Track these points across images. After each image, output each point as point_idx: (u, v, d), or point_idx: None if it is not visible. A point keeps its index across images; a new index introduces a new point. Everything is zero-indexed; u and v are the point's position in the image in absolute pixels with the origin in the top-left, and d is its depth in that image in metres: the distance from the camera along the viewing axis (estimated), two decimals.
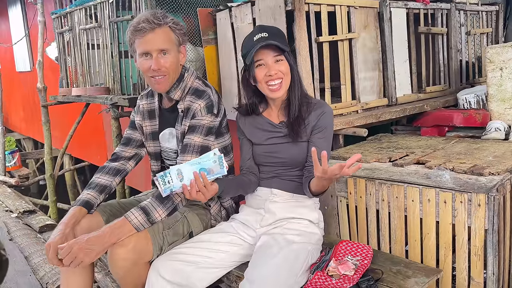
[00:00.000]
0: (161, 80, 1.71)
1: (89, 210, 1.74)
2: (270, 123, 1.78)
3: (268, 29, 1.68)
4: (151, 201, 1.60)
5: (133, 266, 1.55)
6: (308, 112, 1.71)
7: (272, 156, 1.74)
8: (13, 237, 3.26)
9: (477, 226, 1.60)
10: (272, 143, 1.76)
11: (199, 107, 1.72)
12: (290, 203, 1.72)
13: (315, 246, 1.68)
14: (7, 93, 8.66)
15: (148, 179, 2.68)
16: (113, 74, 3.64)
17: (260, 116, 1.81)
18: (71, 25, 4.14)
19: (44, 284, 2.52)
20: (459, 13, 3.28)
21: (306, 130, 1.70)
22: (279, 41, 1.63)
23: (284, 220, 1.71)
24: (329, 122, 1.73)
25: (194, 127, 1.71)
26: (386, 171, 1.94)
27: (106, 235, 1.51)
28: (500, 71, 2.57)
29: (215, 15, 2.79)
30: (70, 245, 1.48)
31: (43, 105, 4.84)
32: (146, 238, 1.59)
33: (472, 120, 2.65)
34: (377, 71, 2.70)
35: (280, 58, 1.66)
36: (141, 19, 1.65)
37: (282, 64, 1.66)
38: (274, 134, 1.76)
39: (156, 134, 1.89)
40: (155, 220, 1.59)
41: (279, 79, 1.66)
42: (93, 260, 1.50)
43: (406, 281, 1.55)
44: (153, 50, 1.66)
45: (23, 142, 9.72)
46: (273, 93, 1.68)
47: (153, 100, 1.89)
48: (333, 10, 2.44)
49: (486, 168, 1.77)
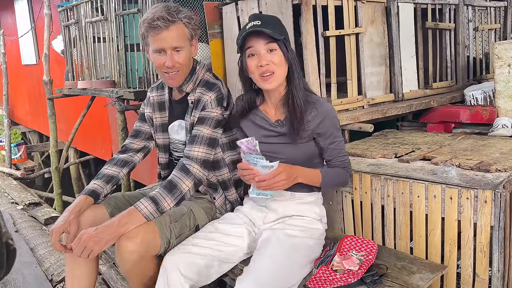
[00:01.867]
0: (175, 76, 1.73)
1: (95, 200, 1.75)
2: (266, 119, 1.69)
3: (262, 17, 1.61)
4: (160, 190, 1.61)
5: (140, 259, 1.55)
6: (308, 111, 1.60)
7: (271, 156, 1.64)
8: (18, 229, 3.28)
9: (483, 222, 1.59)
10: (270, 142, 1.67)
11: (210, 99, 1.73)
12: (290, 201, 1.70)
13: (317, 241, 1.67)
14: (13, 86, 8.70)
15: (153, 173, 2.68)
16: (119, 67, 3.64)
17: (257, 110, 1.71)
18: (77, 18, 4.15)
19: (49, 275, 2.54)
20: (467, 9, 3.25)
21: (306, 131, 1.61)
22: (272, 28, 1.52)
23: (286, 217, 1.70)
24: (335, 122, 1.65)
25: (203, 119, 1.72)
26: (391, 166, 1.93)
27: (115, 224, 1.52)
28: (508, 67, 2.55)
29: (221, 8, 2.78)
30: (80, 235, 1.49)
31: (48, 98, 4.86)
32: (154, 232, 1.59)
33: (479, 117, 2.63)
34: (384, 66, 2.69)
35: (273, 47, 1.54)
36: (155, 15, 1.63)
37: (275, 54, 1.55)
38: (270, 133, 1.67)
39: (165, 126, 1.90)
40: (164, 210, 1.60)
41: (270, 72, 1.55)
42: (103, 249, 1.50)
43: (410, 277, 1.55)
44: (167, 47, 1.67)
45: (29, 135, 9.78)
46: (265, 83, 1.57)
47: (163, 92, 1.91)
48: (340, 4, 2.42)
49: (492, 164, 1.76)
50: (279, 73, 1.57)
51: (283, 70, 1.58)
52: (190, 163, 1.66)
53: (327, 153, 1.67)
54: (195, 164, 1.66)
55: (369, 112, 2.47)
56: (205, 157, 1.69)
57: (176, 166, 1.78)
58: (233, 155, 1.91)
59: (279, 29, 1.56)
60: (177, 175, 1.65)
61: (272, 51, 1.55)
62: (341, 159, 1.67)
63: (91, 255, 1.49)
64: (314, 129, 1.61)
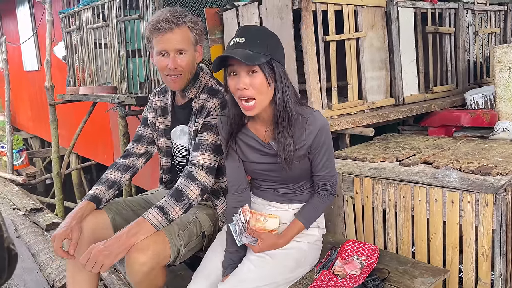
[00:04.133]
0: (177, 79, 1.72)
1: (97, 205, 1.74)
2: (258, 141, 1.55)
3: (248, 32, 1.41)
4: (167, 199, 1.60)
5: (151, 271, 1.54)
6: (302, 129, 1.47)
7: (265, 174, 1.60)
8: (20, 235, 3.28)
9: (485, 226, 1.59)
10: (264, 162, 1.56)
11: (214, 106, 1.72)
12: (287, 212, 1.65)
13: (313, 246, 1.65)
14: (15, 92, 8.74)
15: (154, 178, 2.69)
16: (120, 73, 3.66)
17: (246, 129, 1.57)
18: (79, 25, 4.17)
19: (51, 281, 2.53)
20: (467, 13, 3.26)
21: (301, 151, 1.50)
22: (256, 46, 1.36)
23: (283, 224, 1.65)
24: (329, 138, 1.53)
25: (208, 126, 1.72)
26: (393, 170, 1.93)
27: (124, 235, 1.50)
28: (508, 71, 2.55)
29: (222, 14, 2.80)
30: (89, 250, 1.47)
31: (50, 104, 4.87)
32: (164, 242, 1.58)
33: (480, 120, 2.64)
34: (384, 70, 2.69)
35: (254, 69, 1.37)
36: (161, 17, 1.65)
37: (256, 77, 1.38)
38: (265, 153, 1.56)
39: (168, 130, 1.90)
40: (173, 218, 1.59)
41: (248, 96, 1.39)
42: (114, 262, 1.47)
43: (412, 281, 1.54)
44: (171, 49, 1.67)
45: (31, 141, 9.79)
46: (245, 111, 1.44)
47: (166, 97, 1.91)
48: (340, 9, 2.44)
49: (494, 168, 1.76)
50: (260, 99, 1.41)
51: (264, 95, 1.41)
52: (196, 170, 1.66)
53: (316, 170, 1.56)
54: (201, 171, 1.66)
55: (370, 116, 2.47)
56: (210, 163, 1.69)
57: (179, 172, 1.78)
58: None
59: (264, 47, 1.38)
60: (184, 183, 1.63)
61: (254, 72, 1.38)
62: (326, 179, 1.56)
63: (102, 269, 1.46)
64: (309, 145, 1.50)
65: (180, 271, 2.51)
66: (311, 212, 1.61)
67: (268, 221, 1.53)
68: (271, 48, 1.40)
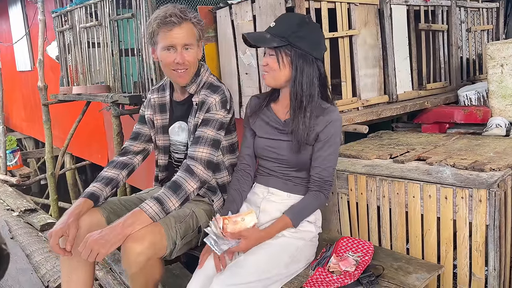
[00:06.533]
0: (183, 74, 1.76)
1: (95, 202, 1.74)
2: (276, 119, 1.72)
3: (280, 20, 1.64)
4: (164, 191, 1.61)
5: (147, 261, 1.54)
6: (317, 116, 1.62)
7: (272, 152, 1.70)
8: (14, 236, 3.26)
9: (478, 221, 1.60)
10: (275, 138, 1.70)
11: (214, 101, 1.75)
12: (286, 203, 1.69)
13: (308, 243, 1.66)
14: (8, 92, 8.67)
15: (149, 178, 2.68)
16: (114, 72, 3.64)
17: (269, 109, 1.75)
18: (72, 24, 4.14)
19: (45, 282, 2.52)
20: (460, 10, 3.27)
21: (310, 136, 1.62)
22: (276, 34, 1.58)
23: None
24: (338, 132, 1.64)
25: (207, 121, 1.74)
26: (387, 167, 1.94)
27: (120, 225, 1.51)
28: (501, 67, 2.56)
29: (215, 12, 2.79)
30: (85, 238, 1.48)
31: (43, 104, 4.84)
32: (161, 233, 1.59)
33: (473, 117, 2.65)
34: (378, 68, 2.70)
35: (272, 52, 1.60)
36: (167, 13, 1.68)
37: (272, 58, 1.61)
38: (278, 131, 1.70)
39: (166, 127, 1.92)
40: (169, 210, 1.60)
41: (269, 71, 1.63)
42: (110, 251, 1.48)
43: (407, 277, 1.55)
44: (179, 44, 1.71)
45: (24, 142, 9.73)
46: (265, 80, 1.67)
47: (164, 94, 1.93)
48: (333, 7, 2.44)
49: (487, 164, 1.77)
50: (275, 76, 1.62)
51: (277, 72, 1.61)
52: (194, 164, 1.67)
53: (315, 162, 1.63)
54: (199, 165, 1.67)
55: (364, 113, 2.47)
56: (209, 158, 1.70)
57: (177, 169, 1.78)
58: (233, 158, 1.93)
59: (286, 34, 1.57)
60: (182, 176, 1.65)
61: (271, 55, 1.61)
62: (323, 175, 1.63)
63: (98, 258, 1.47)
64: (318, 132, 1.62)
65: (176, 270, 2.51)
66: (300, 209, 1.64)
67: (245, 218, 1.56)
68: (296, 37, 1.57)
